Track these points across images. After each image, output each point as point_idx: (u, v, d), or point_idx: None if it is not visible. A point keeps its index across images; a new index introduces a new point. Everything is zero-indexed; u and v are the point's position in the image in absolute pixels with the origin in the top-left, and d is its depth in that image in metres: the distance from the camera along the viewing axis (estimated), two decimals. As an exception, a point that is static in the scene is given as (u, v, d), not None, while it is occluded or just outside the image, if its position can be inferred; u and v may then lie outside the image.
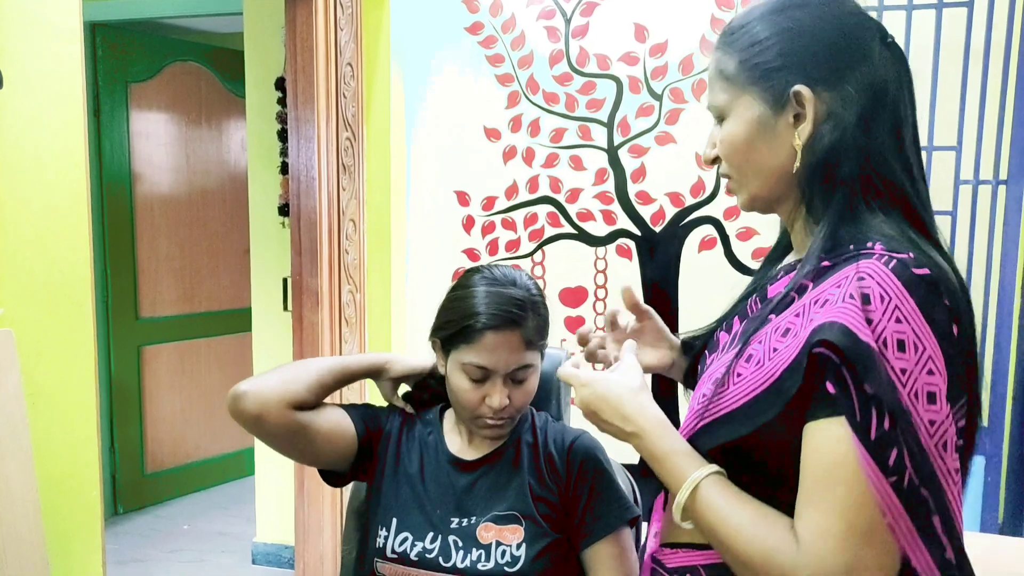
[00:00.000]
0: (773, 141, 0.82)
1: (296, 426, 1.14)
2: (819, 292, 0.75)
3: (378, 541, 1.16)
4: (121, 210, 3.35)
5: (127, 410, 3.44)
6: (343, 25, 2.31)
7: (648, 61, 2.39)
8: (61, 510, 1.46)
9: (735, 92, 0.83)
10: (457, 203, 2.61)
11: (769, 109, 0.81)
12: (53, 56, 1.39)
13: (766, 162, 0.83)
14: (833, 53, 0.79)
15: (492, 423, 1.15)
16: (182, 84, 3.52)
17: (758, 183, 0.85)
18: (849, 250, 0.76)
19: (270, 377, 1.15)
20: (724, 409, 0.79)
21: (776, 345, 0.76)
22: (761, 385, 0.75)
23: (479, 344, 1.12)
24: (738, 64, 0.83)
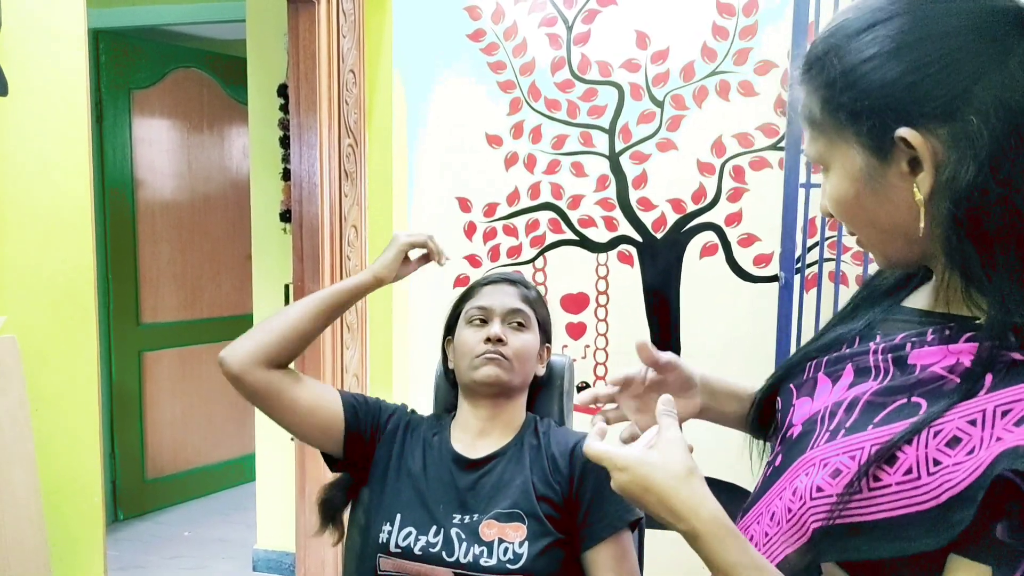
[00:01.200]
0: (888, 196, 0.65)
1: (272, 387, 1.17)
2: (1009, 399, 0.58)
3: (381, 536, 1.17)
4: (123, 216, 3.36)
5: (128, 416, 3.44)
6: (345, 32, 2.32)
7: (649, 68, 2.40)
8: (63, 516, 1.46)
9: (828, 140, 0.67)
10: (459, 209, 2.62)
11: (873, 158, 0.64)
12: (57, 63, 1.40)
13: (886, 220, 0.66)
14: (941, 76, 0.60)
15: (490, 356, 1.21)
16: (184, 91, 3.53)
17: (886, 244, 0.68)
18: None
19: (245, 337, 1.19)
20: (855, 517, 0.62)
21: (938, 456, 0.59)
22: (915, 505, 0.59)
23: (478, 294, 1.30)
24: (822, 106, 0.67)
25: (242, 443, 3.68)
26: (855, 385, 0.70)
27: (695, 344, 2.45)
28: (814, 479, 0.65)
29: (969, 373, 0.61)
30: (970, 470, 0.56)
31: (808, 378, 0.77)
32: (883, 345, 0.70)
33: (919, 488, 0.59)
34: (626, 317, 2.51)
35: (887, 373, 0.68)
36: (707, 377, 0.94)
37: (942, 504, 0.57)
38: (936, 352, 0.65)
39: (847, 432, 0.66)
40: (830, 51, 0.66)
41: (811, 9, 1.93)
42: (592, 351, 2.55)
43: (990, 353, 0.60)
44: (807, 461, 0.68)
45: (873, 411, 0.66)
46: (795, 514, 0.66)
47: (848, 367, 0.72)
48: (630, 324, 2.50)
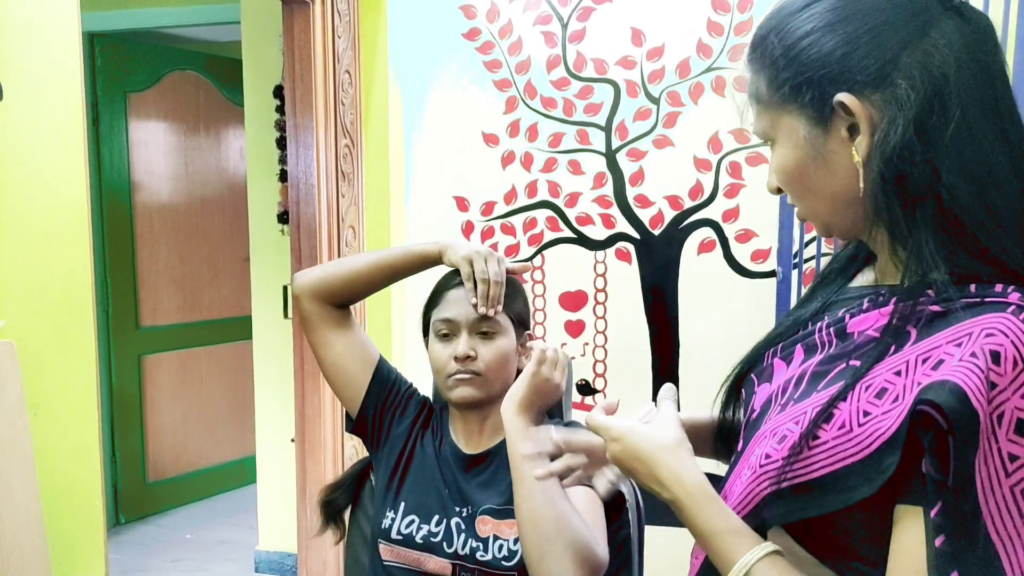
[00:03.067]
0: (829, 163, 0.69)
1: (321, 320, 1.25)
2: (929, 347, 0.61)
3: (384, 523, 1.19)
4: (121, 219, 3.36)
5: (128, 419, 3.44)
6: (340, 33, 2.32)
7: (645, 65, 2.40)
8: (63, 520, 1.46)
9: (773, 115, 0.71)
10: (456, 208, 2.62)
11: (816, 128, 0.68)
12: (52, 67, 1.40)
13: (827, 187, 0.70)
14: (871, 45, 0.65)
15: (461, 377, 1.17)
16: (181, 93, 3.53)
17: (826, 211, 0.72)
18: (969, 292, 0.62)
19: (319, 267, 1.30)
20: (798, 478, 0.64)
21: (868, 408, 0.62)
22: (850, 456, 0.61)
23: (443, 302, 1.22)
24: (768, 84, 0.71)
25: (243, 445, 3.68)
26: (805, 362, 0.74)
27: (693, 340, 2.45)
28: (764, 449, 0.68)
29: (887, 328, 0.65)
30: (897, 415, 0.59)
31: (767, 365, 0.80)
32: (827, 321, 0.74)
33: (851, 440, 0.62)
34: (625, 314, 2.51)
35: (830, 345, 0.72)
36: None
37: (875, 452, 0.60)
38: (870, 317, 0.69)
39: (795, 403, 0.69)
40: (771, 32, 0.71)
41: (806, 4, 1.93)
42: (591, 348, 2.55)
43: (908, 307, 0.64)
44: (759, 436, 0.71)
45: (817, 380, 0.69)
46: (747, 485, 0.69)
47: (799, 347, 0.76)
48: (629, 321, 2.51)
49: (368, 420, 1.27)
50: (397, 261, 1.25)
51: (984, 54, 0.64)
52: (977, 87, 0.63)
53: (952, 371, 0.56)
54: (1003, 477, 0.55)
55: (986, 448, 0.55)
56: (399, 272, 1.26)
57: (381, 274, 1.26)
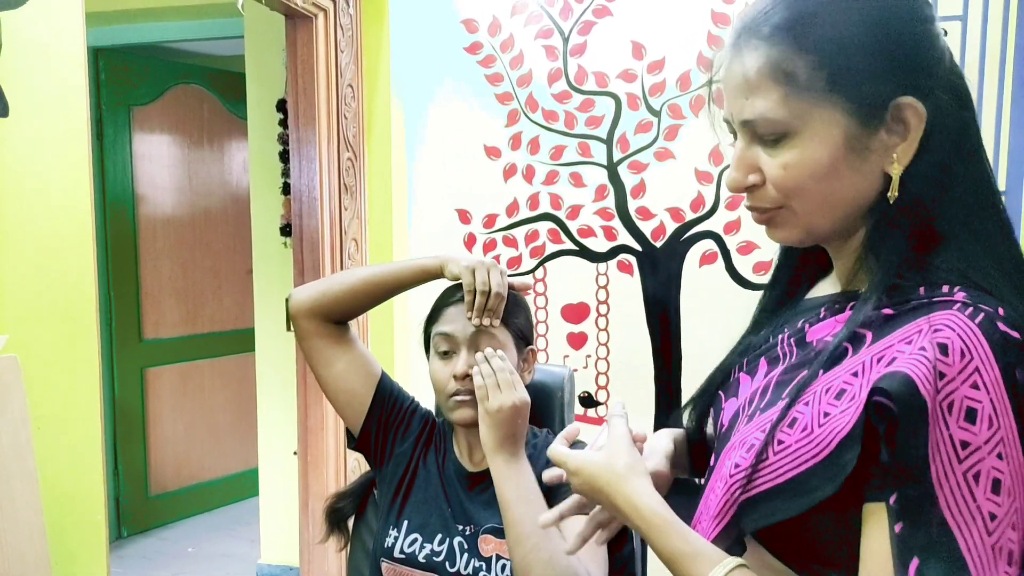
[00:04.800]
0: (860, 164, 0.65)
1: (319, 338, 1.21)
2: (883, 348, 0.62)
3: (387, 541, 1.18)
4: (124, 232, 3.37)
5: (130, 432, 3.44)
6: (343, 47, 2.34)
7: (646, 78, 2.41)
8: (66, 533, 1.46)
9: (808, 103, 0.64)
10: (458, 221, 2.62)
11: (860, 126, 0.64)
12: (57, 83, 1.41)
13: (846, 192, 0.66)
14: (921, 51, 0.64)
15: (460, 398, 1.15)
16: (184, 106, 3.55)
17: (826, 217, 0.68)
18: (918, 295, 0.63)
19: (315, 283, 1.25)
20: (766, 483, 0.65)
21: (828, 409, 0.63)
22: (812, 458, 0.62)
23: (443, 318, 1.20)
24: (815, 66, 0.64)
25: (245, 458, 3.68)
26: (768, 374, 0.74)
27: (695, 352, 2.45)
28: (734, 459, 0.69)
29: (843, 332, 0.66)
30: (854, 413, 0.60)
31: (733, 380, 0.80)
32: (787, 333, 0.75)
33: (812, 441, 0.63)
34: (627, 326, 2.51)
35: (792, 355, 0.73)
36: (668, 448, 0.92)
37: (834, 450, 0.61)
38: (827, 325, 0.71)
39: (761, 412, 0.70)
40: (822, 9, 0.64)
41: (805, 17, 1.94)
42: (593, 361, 2.55)
43: (863, 312, 0.65)
44: (729, 448, 0.71)
45: (780, 389, 0.70)
46: (720, 497, 0.69)
47: (762, 360, 0.76)
48: (631, 333, 2.50)
49: (371, 438, 1.25)
50: (396, 275, 1.23)
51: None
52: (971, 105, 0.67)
53: (902, 363, 0.58)
54: (956, 463, 0.56)
55: (938, 436, 0.56)
56: (398, 286, 1.24)
57: (380, 288, 1.23)
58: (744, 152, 0.69)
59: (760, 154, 0.68)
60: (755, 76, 0.66)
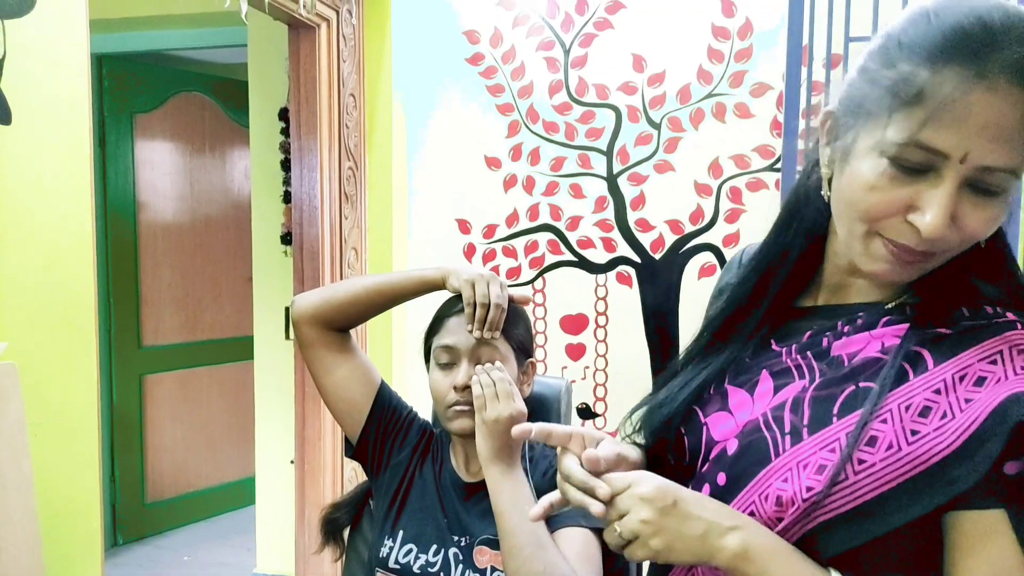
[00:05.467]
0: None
1: (320, 345, 1.22)
2: (960, 367, 0.65)
3: (382, 551, 1.18)
4: (125, 238, 3.37)
5: (128, 439, 3.44)
6: (345, 56, 2.35)
7: (646, 90, 2.42)
8: (61, 540, 1.45)
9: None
10: (458, 231, 2.63)
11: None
12: (60, 90, 1.42)
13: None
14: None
15: (460, 409, 1.15)
16: (187, 114, 3.56)
17: (948, 259, 0.68)
18: (963, 315, 0.67)
19: (318, 291, 1.26)
20: (847, 504, 0.65)
21: (915, 427, 0.63)
22: (905, 474, 0.63)
23: (444, 329, 1.20)
24: None
25: (242, 466, 3.67)
26: (782, 388, 0.73)
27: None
28: (800, 482, 0.66)
29: (907, 352, 0.67)
30: (959, 430, 0.62)
31: (712, 395, 0.79)
32: (792, 346, 0.75)
33: (903, 459, 0.63)
34: (626, 338, 2.51)
35: (813, 369, 0.72)
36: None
37: (935, 464, 0.62)
38: (859, 340, 0.71)
39: (811, 430, 0.69)
40: None
41: (804, 32, 1.96)
42: (592, 372, 2.55)
43: (918, 333, 0.68)
44: (779, 468, 0.69)
45: (825, 404, 0.69)
46: (784, 522, 0.67)
47: (763, 373, 0.75)
48: (630, 345, 2.51)
49: (368, 446, 1.26)
50: (398, 285, 1.23)
51: None
52: None
53: (1018, 384, 0.61)
54: None
55: None
56: (400, 296, 1.24)
57: (381, 298, 1.24)
58: (954, 197, 0.62)
59: (964, 202, 0.62)
60: (1016, 124, 0.59)
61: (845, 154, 0.68)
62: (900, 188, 0.63)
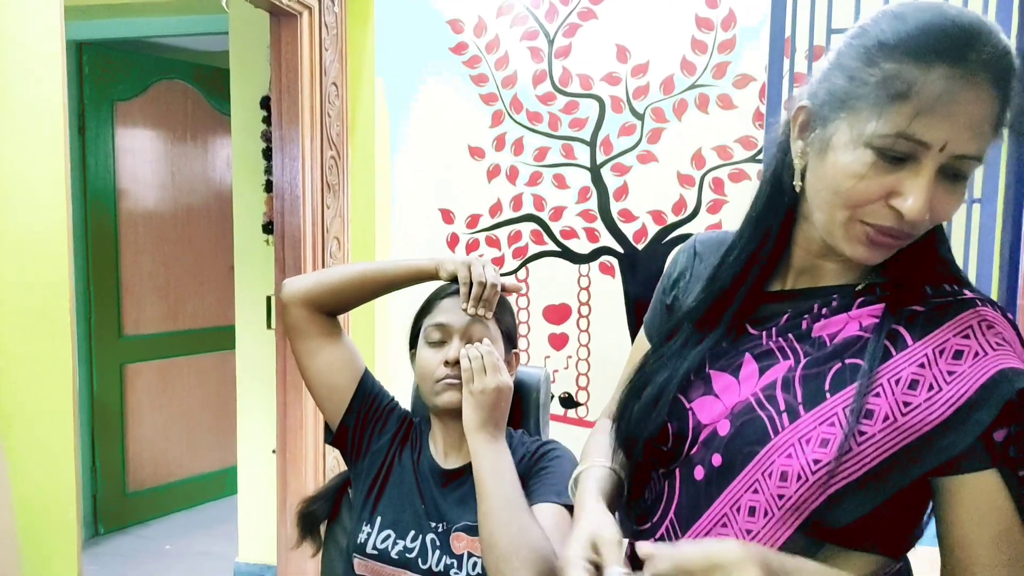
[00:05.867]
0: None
1: (308, 328, 1.24)
2: (938, 341, 0.71)
3: (359, 537, 1.18)
4: (105, 227, 3.34)
5: (109, 429, 3.41)
6: (327, 45, 2.33)
7: (630, 81, 2.42)
8: (37, 533, 1.45)
9: (990, 144, 0.69)
10: (441, 221, 2.63)
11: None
12: (34, 77, 1.40)
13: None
14: None
15: (450, 381, 1.17)
16: (168, 102, 3.53)
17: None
18: (928, 293, 0.75)
19: (308, 275, 1.28)
20: (853, 474, 0.70)
21: (907, 399, 0.69)
22: (900, 442, 0.69)
23: (436, 309, 1.23)
24: (1003, 117, 0.68)
25: (224, 455, 3.66)
26: (767, 369, 0.77)
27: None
28: (806, 456, 0.71)
29: (886, 328, 0.73)
30: (950, 401, 0.68)
31: (695, 381, 0.82)
32: (771, 329, 0.79)
33: (899, 429, 0.69)
34: (608, 328, 2.52)
35: (796, 350, 0.77)
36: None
37: (927, 432, 0.68)
38: (838, 321, 0.76)
39: (807, 407, 0.73)
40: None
41: (787, 24, 1.96)
42: (575, 361, 2.56)
43: (896, 311, 0.74)
44: (781, 444, 0.72)
45: (816, 382, 0.74)
46: (791, 496, 0.71)
47: (746, 356, 0.79)
48: (612, 335, 2.52)
49: (348, 433, 1.27)
50: (391, 272, 1.25)
51: None
52: None
53: (1006, 360, 0.68)
54: None
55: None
56: (391, 284, 1.26)
57: (374, 283, 1.26)
58: (932, 184, 0.67)
59: (938, 187, 0.68)
60: (989, 116, 0.66)
61: (824, 146, 0.72)
62: (883, 176, 0.68)
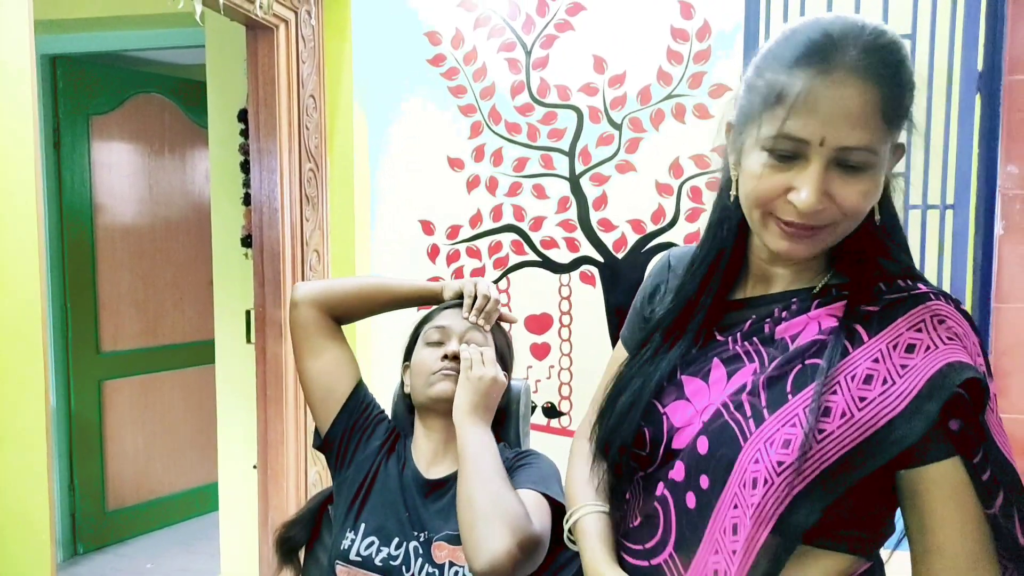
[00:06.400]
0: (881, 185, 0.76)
1: (314, 328, 1.29)
2: (891, 336, 0.74)
3: (343, 544, 1.19)
4: (82, 242, 3.30)
5: (88, 446, 3.37)
6: (305, 57, 2.33)
7: (607, 92, 2.44)
8: (10, 555, 1.42)
9: (886, 135, 0.73)
10: (422, 232, 2.62)
11: (891, 153, 0.76)
12: (5, 95, 1.38)
13: (865, 212, 0.77)
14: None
15: (446, 372, 1.23)
16: (145, 115, 3.50)
17: (838, 236, 0.78)
18: (882, 290, 0.78)
19: (323, 280, 1.33)
20: (814, 472, 0.72)
21: (862, 394, 0.72)
22: (858, 437, 0.71)
23: (439, 316, 1.30)
24: (900, 103, 0.73)
25: (206, 471, 3.62)
26: (734, 372, 0.81)
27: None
28: (770, 458, 0.73)
29: (844, 327, 0.76)
30: (903, 394, 0.71)
31: (668, 386, 0.85)
32: (737, 334, 0.83)
33: (855, 424, 0.72)
34: (589, 337, 2.52)
35: (761, 353, 0.80)
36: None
37: (884, 427, 0.71)
38: (798, 323, 0.80)
39: (771, 410, 0.75)
40: (905, 56, 0.74)
41: (760, 33, 1.98)
42: (556, 371, 2.56)
43: (854, 310, 0.77)
44: (749, 451, 0.74)
45: (780, 384, 0.76)
46: (760, 503, 0.72)
47: (714, 361, 0.83)
48: (593, 344, 2.52)
49: (336, 438, 1.28)
50: (397, 290, 1.32)
51: None
52: None
53: (950, 354, 0.71)
54: (992, 413, 0.72)
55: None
56: (396, 300, 1.33)
57: (384, 296, 1.32)
58: (822, 176, 0.73)
59: (834, 179, 0.73)
60: (869, 109, 0.71)
61: (739, 155, 0.80)
62: (779, 174, 0.75)
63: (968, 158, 1.93)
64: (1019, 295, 2.00)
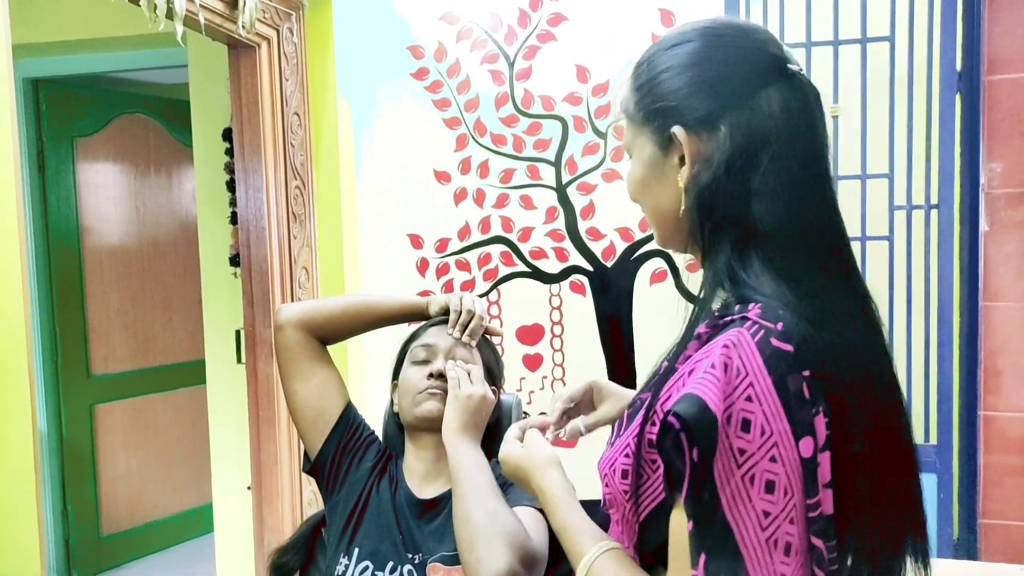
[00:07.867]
0: (663, 182, 0.79)
1: (300, 351, 1.27)
2: (693, 363, 0.70)
3: (337, 569, 1.18)
4: (69, 266, 3.29)
5: (80, 472, 3.34)
6: (288, 75, 2.33)
7: (591, 101, 2.45)
8: (1, 584, 1.40)
9: (635, 131, 0.81)
10: (410, 246, 2.62)
11: (659, 150, 0.78)
12: (-15, 119, 1.38)
13: (661, 204, 0.80)
14: (709, 93, 0.75)
15: (432, 391, 1.22)
16: (130, 136, 3.50)
17: (659, 223, 0.83)
18: (734, 312, 0.72)
19: (306, 301, 1.31)
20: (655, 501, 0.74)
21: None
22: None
23: (424, 334, 1.29)
24: (635, 102, 0.80)
25: (201, 492, 3.59)
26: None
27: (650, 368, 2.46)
28: (616, 484, 0.76)
29: (679, 354, 0.76)
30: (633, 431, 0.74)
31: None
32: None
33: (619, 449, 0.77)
34: (581, 346, 2.52)
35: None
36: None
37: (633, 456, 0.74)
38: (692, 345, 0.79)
39: (616, 437, 0.80)
40: (646, 60, 0.81)
41: (741, 40, 1.99)
42: (549, 382, 2.55)
43: (689, 330, 0.76)
44: (602, 474, 0.79)
45: (630, 412, 0.81)
46: (619, 522, 0.77)
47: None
48: (585, 353, 2.52)
49: (327, 462, 1.27)
50: (383, 306, 1.31)
51: (805, 117, 0.75)
52: (792, 141, 0.74)
53: (696, 384, 0.66)
54: (735, 469, 0.64)
55: (720, 446, 0.64)
56: (382, 318, 1.31)
57: (370, 313, 1.31)
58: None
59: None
60: (619, 107, 0.84)
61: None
62: None
63: (951, 158, 1.94)
64: (1007, 293, 2.01)
